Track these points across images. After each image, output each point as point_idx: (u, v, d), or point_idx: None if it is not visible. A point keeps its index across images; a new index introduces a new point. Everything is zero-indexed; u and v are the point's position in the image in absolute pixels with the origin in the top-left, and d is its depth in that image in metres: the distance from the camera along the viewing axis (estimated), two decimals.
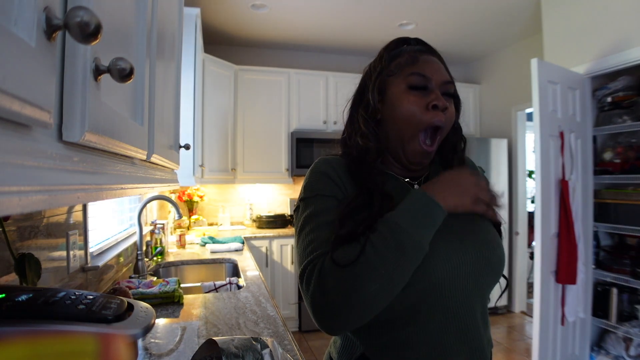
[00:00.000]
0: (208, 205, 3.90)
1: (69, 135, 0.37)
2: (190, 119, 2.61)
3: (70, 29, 0.28)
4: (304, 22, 3.52)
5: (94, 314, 0.54)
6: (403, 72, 0.75)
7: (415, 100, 0.73)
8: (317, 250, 0.68)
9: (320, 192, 0.74)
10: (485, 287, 0.74)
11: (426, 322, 0.69)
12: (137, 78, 0.64)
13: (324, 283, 0.63)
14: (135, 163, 0.67)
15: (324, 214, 0.71)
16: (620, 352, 2.47)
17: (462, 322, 0.70)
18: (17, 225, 0.89)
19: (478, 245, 0.72)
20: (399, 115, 0.75)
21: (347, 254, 0.63)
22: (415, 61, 0.75)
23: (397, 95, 0.75)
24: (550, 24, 2.81)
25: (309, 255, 0.68)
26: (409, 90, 0.74)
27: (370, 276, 0.61)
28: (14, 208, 0.26)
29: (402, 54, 0.77)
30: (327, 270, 0.64)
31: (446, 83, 0.75)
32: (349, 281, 0.61)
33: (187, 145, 1.27)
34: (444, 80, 0.75)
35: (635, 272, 2.40)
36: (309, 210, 0.73)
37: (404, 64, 0.76)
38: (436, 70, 0.75)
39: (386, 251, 0.62)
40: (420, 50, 0.78)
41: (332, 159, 0.79)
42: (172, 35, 1.09)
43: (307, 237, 0.70)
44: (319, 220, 0.71)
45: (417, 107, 0.73)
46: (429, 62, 0.76)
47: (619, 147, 2.59)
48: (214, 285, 1.87)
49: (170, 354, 1.08)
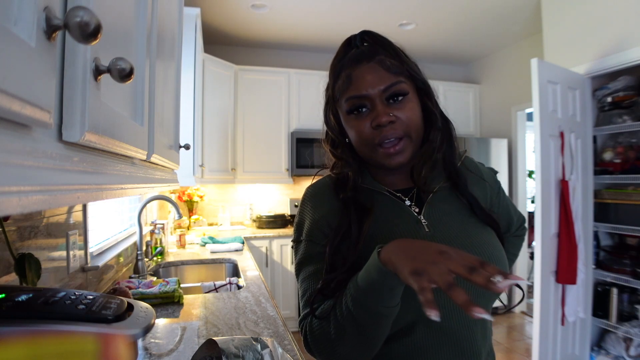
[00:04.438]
0: (208, 205, 3.90)
1: (69, 135, 0.37)
2: (190, 119, 2.61)
3: (70, 29, 0.28)
4: (303, 22, 3.52)
5: (94, 314, 0.54)
6: (342, 97, 0.73)
7: (357, 124, 0.72)
8: (307, 306, 0.73)
9: (307, 237, 0.76)
10: (484, 303, 0.71)
11: (422, 339, 0.68)
12: (137, 78, 0.64)
13: (311, 343, 0.72)
14: (135, 163, 0.67)
15: (312, 262, 0.75)
16: (620, 352, 2.47)
17: (459, 338, 0.68)
18: (17, 225, 0.89)
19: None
20: (352, 140, 0.76)
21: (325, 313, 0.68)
22: (349, 83, 0.72)
23: (345, 122, 0.76)
24: (550, 24, 2.81)
25: (303, 308, 0.75)
26: (349, 116, 0.73)
27: (342, 341, 0.65)
28: (14, 208, 0.26)
29: (340, 75, 0.74)
30: (311, 333, 0.71)
31: (387, 89, 0.70)
32: (327, 344, 0.68)
33: (187, 145, 1.27)
34: (382, 88, 0.70)
35: (635, 272, 2.40)
36: (299, 256, 0.78)
37: (342, 88, 0.73)
38: (371, 82, 0.70)
39: (347, 321, 0.64)
40: (357, 60, 0.72)
41: (319, 184, 0.83)
42: (172, 35, 1.09)
43: (301, 286, 0.76)
44: (308, 271, 0.75)
45: (361, 130, 0.71)
46: (362, 75, 0.71)
47: (619, 147, 2.59)
48: (214, 285, 1.87)
49: (170, 354, 1.08)
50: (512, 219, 0.92)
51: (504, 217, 0.88)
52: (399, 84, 0.70)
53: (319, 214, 0.77)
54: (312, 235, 0.76)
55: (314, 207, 0.78)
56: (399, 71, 0.71)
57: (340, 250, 0.70)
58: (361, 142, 0.73)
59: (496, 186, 0.87)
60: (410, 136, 0.71)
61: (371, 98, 0.70)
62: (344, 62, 0.74)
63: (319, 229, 0.75)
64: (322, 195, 0.80)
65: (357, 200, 0.74)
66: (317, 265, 0.73)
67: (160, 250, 2.30)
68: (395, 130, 0.70)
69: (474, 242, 0.72)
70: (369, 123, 0.70)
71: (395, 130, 0.70)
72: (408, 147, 0.72)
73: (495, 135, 4.17)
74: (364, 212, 0.72)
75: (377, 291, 0.59)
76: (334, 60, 0.78)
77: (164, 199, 2.09)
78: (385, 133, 0.70)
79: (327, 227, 0.74)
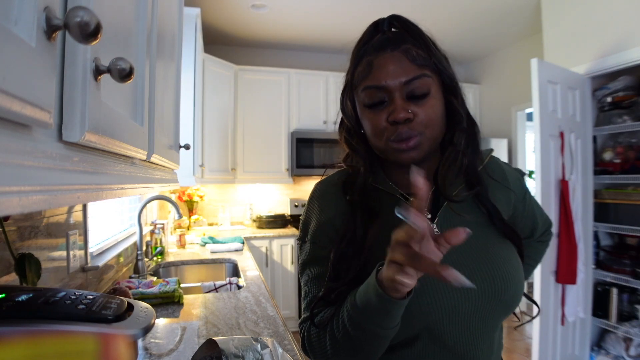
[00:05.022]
0: (208, 205, 3.90)
1: (69, 135, 0.37)
2: (190, 119, 2.61)
3: (70, 29, 0.28)
4: (304, 22, 3.52)
5: (94, 314, 0.54)
6: (360, 85, 0.68)
7: (373, 117, 0.67)
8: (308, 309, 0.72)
9: (312, 238, 0.74)
10: (493, 322, 0.67)
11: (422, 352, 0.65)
12: (137, 78, 0.64)
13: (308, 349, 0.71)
14: (135, 163, 0.67)
15: (315, 265, 0.73)
16: (620, 352, 2.47)
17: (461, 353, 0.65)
18: (17, 225, 0.89)
19: (490, 278, 0.64)
20: (366, 131, 0.71)
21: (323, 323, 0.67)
22: (369, 71, 0.66)
23: (360, 112, 0.71)
24: (550, 24, 2.81)
25: (304, 310, 0.74)
26: (366, 108, 0.68)
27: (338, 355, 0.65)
28: (14, 208, 0.26)
29: (361, 61, 0.69)
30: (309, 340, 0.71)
31: (409, 82, 0.64)
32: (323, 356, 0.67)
33: (187, 145, 1.27)
34: (404, 80, 0.64)
35: (635, 272, 2.40)
36: (303, 256, 0.76)
37: (361, 75, 0.68)
38: (393, 73, 0.64)
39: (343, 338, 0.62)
40: (381, 47, 0.66)
41: (328, 182, 0.78)
42: (172, 35, 1.09)
43: (304, 287, 0.75)
44: (311, 273, 0.73)
45: (376, 123, 0.66)
46: (384, 64, 0.65)
47: (619, 147, 2.59)
48: (214, 285, 1.87)
49: (170, 354, 1.08)
50: (537, 224, 0.85)
51: (527, 224, 0.83)
52: (423, 78, 0.64)
53: (325, 216, 0.73)
54: (316, 237, 0.74)
55: (321, 208, 0.75)
56: (424, 63, 0.65)
57: (345, 256, 0.67)
58: (375, 135, 0.68)
59: (522, 191, 0.79)
60: (425, 134, 0.65)
61: (390, 90, 0.64)
62: (367, 47, 0.68)
63: (324, 233, 0.73)
64: (330, 195, 0.76)
65: (363, 203, 0.70)
66: (320, 269, 0.71)
67: (160, 250, 2.30)
68: (412, 129, 0.64)
69: (488, 257, 0.66)
70: (385, 116, 0.65)
71: (411, 129, 0.64)
72: (423, 143, 0.66)
73: (495, 135, 4.17)
74: (370, 216, 0.68)
75: (374, 313, 0.57)
76: (357, 43, 0.71)
77: (164, 199, 2.09)
78: (400, 130, 0.64)
79: (333, 231, 0.71)
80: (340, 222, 0.71)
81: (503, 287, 0.64)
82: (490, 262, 0.65)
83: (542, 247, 0.92)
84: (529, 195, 0.81)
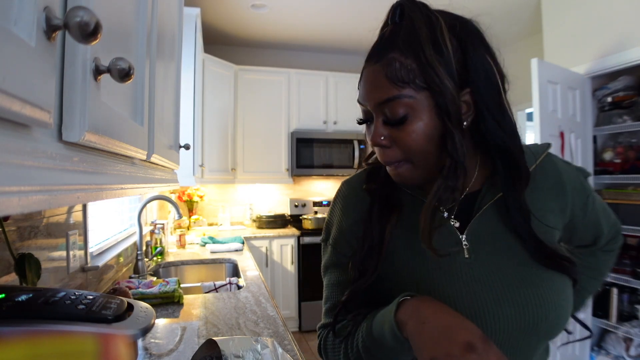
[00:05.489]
0: (208, 205, 3.90)
1: (69, 135, 0.37)
2: (190, 119, 2.61)
3: (70, 29, 0.28)
4: (303, 22, 3.52)
5: (93, 314, 0.54)
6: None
7: (367, 133, 0.62)
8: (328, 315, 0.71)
9: (333, 243, 0.72)
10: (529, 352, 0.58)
11: None
12: (137, 78, 0.64)
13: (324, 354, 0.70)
14: (135, 163, 0.67)
15: (336, 270, 0.72)
16: (621, 352, 2.47)
17: None
18: (17, 225, 0.89)
19: (522, 306, 0.55)
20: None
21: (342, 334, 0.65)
22: (359, 84, 0.61)
23: None
24: (551, 24, 2.81)
25: (324, 315, 0.73)
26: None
27: None
28: (14, 208, 0.26)
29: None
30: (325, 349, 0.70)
31: (382, 104, 0.55)
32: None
33: (187, 145, 1.27)
34: (378, 102, 0.56)
35: (635, 272, 2.40)
36: (325, 259, 0.75)
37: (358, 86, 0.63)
38: (369, 92, 0.57)
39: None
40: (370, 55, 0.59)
41: (354, 181, 0.74)
42: (172, 35, 1.09)
43: (325, 291, 0.74)
44: (332, 278, 0.72)
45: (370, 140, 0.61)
46: (365, 80, 0.59)
47: (619, 147, 2.59)
48: (214, 285, 1.87)
49: (170, 354, 1.08)
50: (601, 232, 0.74)
51: (589, 232, 0.73)
52: (398, 100, 0.54)
53: (346, 222, 0.70)
54: (337, 243, 0.72)
55: (344, 212, 0.72)
56: (406, 80, 0.54)
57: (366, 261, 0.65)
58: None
59: (582, 196, 0.67)
60: (412, 161, 0.58)
61: (371, 110, 0.58)
62: (371, 49, 0.60)
63: (345, 239, 0.70)
64: (354, 197, 0.71)
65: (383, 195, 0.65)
66: (341, 276, 0.70)
67: (160, 250, 2.30)
68: (390, 156, 0.58)
69: (523, 280, 0.56)
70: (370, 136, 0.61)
71: (389, 156, 0.59)
72: (412, 171, 0.59)
73: None
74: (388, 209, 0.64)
75: (387, 349, 0.55)
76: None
77: (164, 199, 2.09)
78: (381, 154, 0.60)
79: (354, 239, 0.68)
80: (361, 229, 0.67)
81: (539, 315, 0.55)
82: (525, 285, 0.56)
83: (607, 257, 0.80)
84: (592, 199, 0.69)
